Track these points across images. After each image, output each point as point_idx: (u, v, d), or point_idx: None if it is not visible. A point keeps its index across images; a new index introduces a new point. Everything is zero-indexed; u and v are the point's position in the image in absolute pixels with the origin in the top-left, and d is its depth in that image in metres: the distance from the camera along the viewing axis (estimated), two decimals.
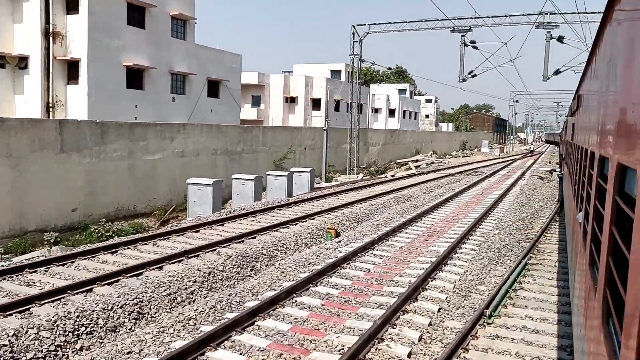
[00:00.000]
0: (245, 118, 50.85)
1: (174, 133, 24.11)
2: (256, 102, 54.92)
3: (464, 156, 74.47)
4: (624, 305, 2.01)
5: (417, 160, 55.23)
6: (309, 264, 12.63)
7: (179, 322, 8.78)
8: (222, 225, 17.57)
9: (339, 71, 61.20)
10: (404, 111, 79.77)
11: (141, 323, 9.62)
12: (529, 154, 77.16)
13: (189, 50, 35.66)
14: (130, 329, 9.32)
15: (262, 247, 14.16)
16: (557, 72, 32.69)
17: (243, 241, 15.21)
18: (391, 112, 77.93)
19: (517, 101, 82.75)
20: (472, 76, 34.08)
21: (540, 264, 13.52)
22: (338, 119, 58.05)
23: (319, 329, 8.64)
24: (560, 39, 31.42)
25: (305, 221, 18.56)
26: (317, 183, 33.04)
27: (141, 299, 10.12)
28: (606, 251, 2.78)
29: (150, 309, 10.06)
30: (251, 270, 12.98)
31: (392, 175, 38.70)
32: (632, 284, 1.89)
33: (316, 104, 55.81)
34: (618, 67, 2.89)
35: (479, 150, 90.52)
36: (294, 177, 27.57)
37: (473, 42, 32.84)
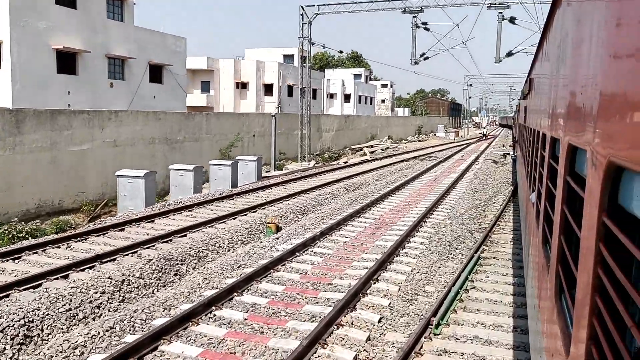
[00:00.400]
0: (194, 105, 48.63)
1: (104, 121, 22.06)
2: (205, 88, 52.70)
3: (419, 141, 74.08)
4: (576, 282, 2.08)
5: (372, 146, 54.23)
6: (238, 267, 11.15)
7: (61, 352, 7.17)
8: (152, 221, 15.88)
9: (292, 55, 59.42)
10: (360, 96, 78.69)
11: (28, 349, 7.97)
12: (483, 138, 77.41)
13: (127, 33, 33.28)
14: (11, 358, 7.67)
15: (190, 247, 12.58)
16: (509, 54, 31.96)
17: (171, 240, 13.60)
18: (347, 97, 76.71)
19: (471, 85, 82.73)
20: (425, 59, 33.00)
21: (494, 258, 12.45)
22: (292, 104, 56.46)
23: (234, 353, 7.20)
24: (512, 20, 30.60)
25: (246, 214, 17.05)
26: (266, 172, 31.48)
27: (31, 318, 8.44)
28: (558, 230, 2.84)
29: (42, 330, 8.40)
30: (175, 274, 11.41)
31: (345, 162, 37.45)
32: (582, 261, 1.95)
33: (268, 89, 54.00)
34: (567, 51, 2.98)
35: (435, 134, 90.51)
36: (240, 166, 25.92)
37: (425, 23, 31.71)
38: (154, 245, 13.02)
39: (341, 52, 43.83)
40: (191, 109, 43.21)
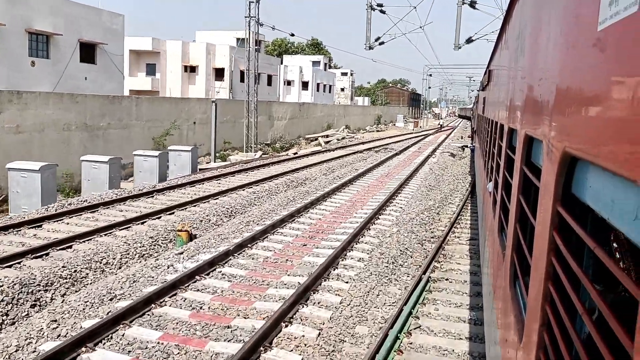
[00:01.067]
0: (138, 88, 45.01)
1: (2, 103, 18.70)
2: (151, 70, 49.07)
3: (377, 131, 72.00)
4: (530, 269, 2.11)
5: (327, 136, 51.68)
6: (111, 299, 8.37)
7: None
8: (40, 227, 12.89)
9: (242, 40, 56.06)
10: (318, 84, 75.96)
11: None
12: (441, 129, 75.94)
13: (53, 6, 29.56)
14: None
15: (64, 266, 9.73)
16: (469, 41, 29.79)
17: (47, 254, 10.70)
18: (304, 85, 73.88)
19: (430, 75, 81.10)
20: (380, 43, 30.47)
21: (447, 279, 10.05)
22: (245, 90, 53.34)
23: None
24: (472, 5, 28.37)
25: (159, 217, 14.24)
26: (206, 163, 28.53)
27: None
28: (514, 218, 2.87)
29: None
30: (33, 306, 8.57)
31: (295, 153, 34.77)
32: (537, 249, 1.99)
33: (219, 74, 50.73)
34: (526, 43, 3.09)
35: (394, 124, 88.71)
36: (172, 157, 22.95)
37: (380, 5, 29.16)
38: (19, 263, 10.10)
39: (292, 34, 41.14)
40: (135, 93, 39.70)
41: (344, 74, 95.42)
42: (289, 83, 73.72)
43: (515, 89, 3.59)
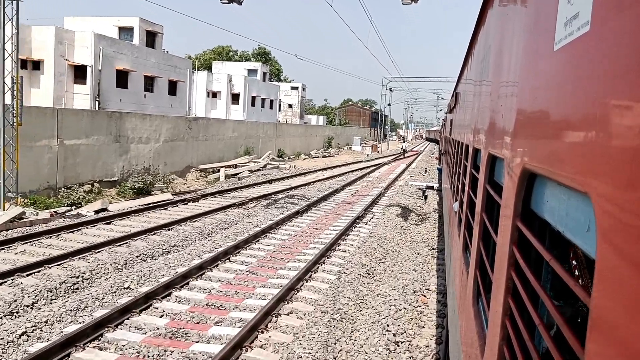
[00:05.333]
0: None
1: None
2: None
3: (325, 156, 56.09)
4: (492, 285, 2.07)
5: (236, 166, 35.37)
6: None
7: None
8: None
9: (130, 29, 39.75)
10: (254, 97, 59.91)
11: None
12: (403, 155, 60.46)
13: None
14: None
15: None
16: None
17: None
18: (235, 98, 57.75)
19: (391, 90, 66.04)
20: None
21: None
22: (124, 98, 36.88)
23: None
24: None
25: None
26: None
27: None
28: (477, 236, 2.86)
29: None
30: None
31: (97, 211, 18.09)
32: (498, 264, 1.96)
33: (80, 72, 34.11)
34: (489, 66, 3.16)
35: (350, 148, 73.01)
36: None
37: None
38: None
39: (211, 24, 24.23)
40: None
41: (294, 88, 79.64)
42: (214, 95, 57.45)
43: (480, 110, 3.65)
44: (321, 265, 11.33)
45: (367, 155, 58.41)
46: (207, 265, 10.67)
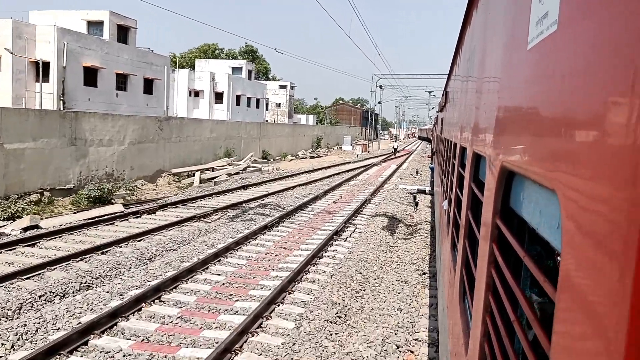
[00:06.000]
0: None
1: None
2: None
3: (313, 157, 53.45)
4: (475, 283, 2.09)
5: (213, 169, 32.66)
6: None
7: None
8: None
9: (100, 23, 36.92)
10: (239, 96, 57.17)
11: None
12: (395, 154, 57.89)
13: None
14: None
15: None
16: None
17: None
18: (218, 97, 55.02)
19: (381, 87, 63.36)
20: None
21: None
22: (93, 98, 34.10)
23: None
24: None
25: None
26: None
27: None
28: (463, 234, 2.87)
29: None
30: None
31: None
32: (480, 262, 1.95)
33: (43, 70, 31.28)
34: (474, 66, 3.19)
35: (340, 148, 70.36)
36: None
37: None
38: None
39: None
40: None
41: (282, 86, 76.90)
42: (197, 94, 54.72)
43: (466, 108, 3.67)
44: (279, 305, 8.68)
45: (357, 155, 55.80)
46: (124, 311, 7.99)
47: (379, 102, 65.60)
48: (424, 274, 11.28)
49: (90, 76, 34.07)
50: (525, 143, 1.34)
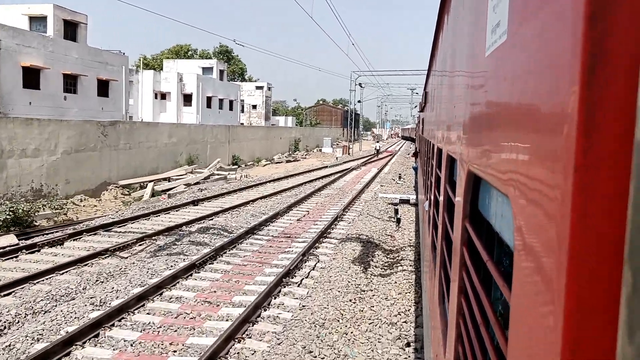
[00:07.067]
0: None
1: None
2: None
3: (288, 161, 49.52)
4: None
5: (169, 179, 28.58)
6: None
7: None
8: None
9: (44, 18, 32.64)
10: (210, 98, 53.04)
11: None
12: (377, 155, 54.18)
13: None
14: None
15: None
16: None
17: None
18: (187, 99, 50.86)
19: (361, 86, 59.55)
20: None
21: None
22: (35, 101, 29.83)
23: None
24: None
25: None
26: None
27: None
28: (440, 236, 2.88)
29: None
30: None
31: None
32: (453, 263, 1.95)
33: None
34: (447, 68, 3.21)
35: (321, 150, 66.51)
36: None
37: None
38: None
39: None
40: None
41: (259, 87, 72.86)
42: (163, 96, 50.53)
43: (442, 110, 3.69)
44: None
45: (337, 158, 51.93)
46: None
47: (359, 101, 61.83)
48: (408, 345, 7.46)
49: (32, 77, 29.80)
50: (484, 147, 1.35)
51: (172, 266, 10.91)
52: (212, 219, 16.46)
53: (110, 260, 11.59)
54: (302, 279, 10.23)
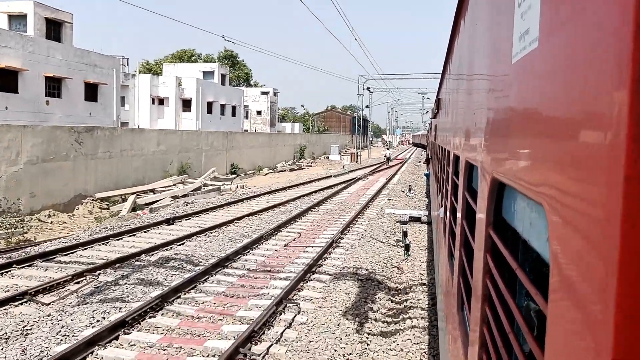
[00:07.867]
0: None
1: None
2: None
3: (292, 169, 46.63)
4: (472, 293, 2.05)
5: (154, 191, 25.76)
6: None
7: None
8: None
9: (24, 16, 30.10)
10: (211, 103, 50.42)
11: None
12: (387, 163, 51.13)
13: None
14: None
15: None
16: None
17: None
18: (186, 104, 48.29)
19: (370, 90, 56.59)
20: None
21: None
22: (13, 106, 27.25)
23: None
24: None
25: None
26: None
27: None
28: (459, 243, 2.82)
29: None
30: None
31: None
32: (475, 272, 1.92)
33: None
34: (464, 75, 3.15)
35: (328, 157, 63.53)
36: None
37: None
38: None
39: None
40: None
41: (264, 93, 70.21)
42: (161, 101, 47.98)
43: (458, 117, 3.60)
44: None
45: (344, 166, 48.93)
46: None
47: (367, 106, 58.82)
48: None
49: (8, 79, 27.22)
50: (512, 155, 1.33)
51: (98, 321, 7.97)
52: (182, 244, 13.54)
53: (24, 309, 8.69)
54: (270, 345, 7.22)
